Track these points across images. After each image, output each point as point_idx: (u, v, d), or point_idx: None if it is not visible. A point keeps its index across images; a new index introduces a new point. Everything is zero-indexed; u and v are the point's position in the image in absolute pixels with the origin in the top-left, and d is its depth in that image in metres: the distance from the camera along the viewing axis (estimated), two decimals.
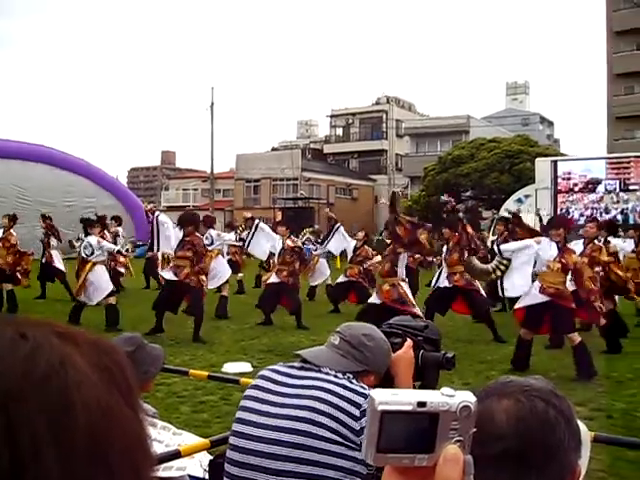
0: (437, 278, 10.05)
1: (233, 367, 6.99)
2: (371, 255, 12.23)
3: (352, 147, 47.01)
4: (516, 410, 1.01)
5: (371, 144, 46.28)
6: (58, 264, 13.39)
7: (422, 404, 0.57)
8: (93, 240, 10.15)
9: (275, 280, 10.55)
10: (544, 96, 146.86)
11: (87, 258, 10.05)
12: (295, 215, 28.59)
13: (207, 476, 2.36)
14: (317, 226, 19.34)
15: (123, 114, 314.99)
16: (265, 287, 10.95)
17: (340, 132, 48.73)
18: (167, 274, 9.40)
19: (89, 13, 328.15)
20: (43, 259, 13.53)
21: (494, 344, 8.74)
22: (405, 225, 8.46)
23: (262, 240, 10.90)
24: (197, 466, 2.56)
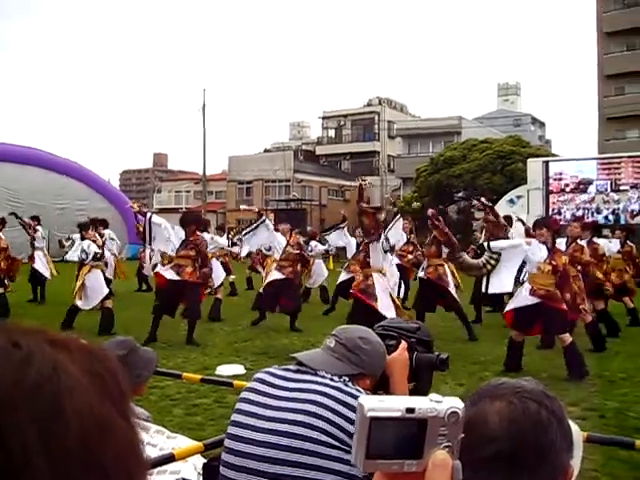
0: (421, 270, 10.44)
1: (226, 369, 6.98)
2: None
3: (344, 148, 47.11)
4: (508, 412, 1.02)
5: (363, 145, 46.40)
6: (40, 267, 13.11)
7: (411, 410, 0.57)
8: (85, 244, 10.14)
9: (278, 276, 10.34)
10: (535, 97, 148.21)
11: (85, 262, 10.03)
12: (287, 217, 28.46)
13: (201, 479, 2.35)
14: (310, 228, 19.33)
15: (115, 117, 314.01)
16: (266, 285, 10.53)
17: (332, 134, 48.83)
18: (168, 274, 9.29)
19: (82, 16, 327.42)
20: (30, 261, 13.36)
21: (487, 345, 8.76)
22: (370, 213, 8.55)
23: (262, 235, 10.66)
24: (191, 469, 2.55)
